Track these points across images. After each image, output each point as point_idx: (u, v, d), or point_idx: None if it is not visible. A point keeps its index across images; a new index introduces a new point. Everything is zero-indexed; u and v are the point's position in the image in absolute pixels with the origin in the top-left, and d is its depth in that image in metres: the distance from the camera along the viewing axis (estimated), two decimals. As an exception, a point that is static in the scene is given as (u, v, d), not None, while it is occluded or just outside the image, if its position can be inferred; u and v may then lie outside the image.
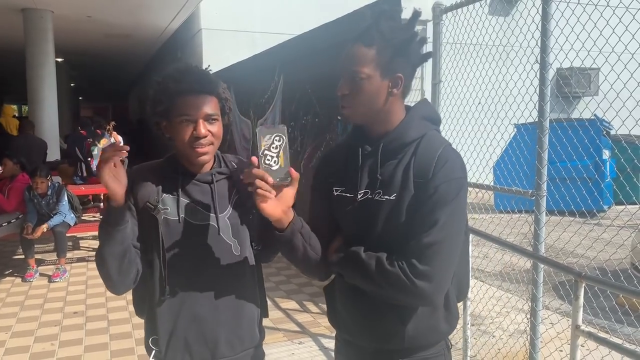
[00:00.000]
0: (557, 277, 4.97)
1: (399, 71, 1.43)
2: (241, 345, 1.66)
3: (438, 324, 1.48)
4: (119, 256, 1.48)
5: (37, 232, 5.52)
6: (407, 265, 1.34)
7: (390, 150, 1.47)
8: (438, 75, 4.03)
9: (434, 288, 1.34)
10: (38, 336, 4.18)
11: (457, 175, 1.39)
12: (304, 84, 6.12)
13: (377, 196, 1.45)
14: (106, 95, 33.35)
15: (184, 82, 1.54)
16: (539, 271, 3.21)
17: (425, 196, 1.38)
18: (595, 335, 2.52)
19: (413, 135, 1.46)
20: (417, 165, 1.42)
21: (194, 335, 1.60)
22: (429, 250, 1.34)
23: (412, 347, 1.47)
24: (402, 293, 1.36)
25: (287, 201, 1.37)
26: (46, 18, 9.66)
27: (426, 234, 1.35)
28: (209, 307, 1.60)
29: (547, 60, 3.10)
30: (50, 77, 9.66)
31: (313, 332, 4.17)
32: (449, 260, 1.38)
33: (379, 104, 1.45)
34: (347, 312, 1.56)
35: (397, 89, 1.45)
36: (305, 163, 6.17)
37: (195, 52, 11.28)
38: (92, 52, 15.38)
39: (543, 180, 3.20)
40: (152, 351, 1.64)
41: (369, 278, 1.39)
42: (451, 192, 1.37)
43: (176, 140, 1.56)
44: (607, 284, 2.61)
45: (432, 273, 1.34)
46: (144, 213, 1.58)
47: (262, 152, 1.31)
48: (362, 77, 1.42)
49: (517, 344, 3.55)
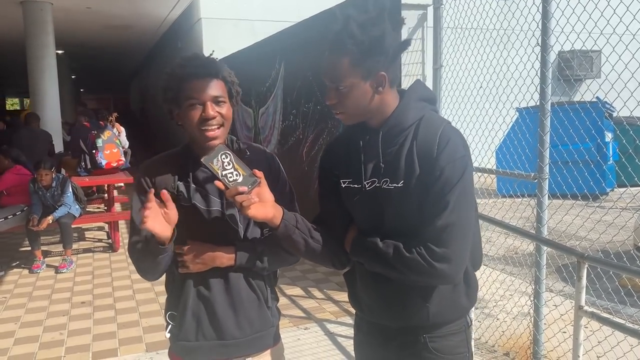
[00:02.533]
0: (560, 259, 4.99)
1: (379, 70, 1.43)
2: (251, 327, 1.69)
3: (459, 299, 1.53)
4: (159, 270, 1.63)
5: (43, 223, 5.56)
6: (425, 250, 1.39)
7: (390, 136, 1.48)
8: (439, 60, 4.02)
9: (453, 268, 1.40)
10: (47, 326, 4.23)
11: (460, 154, 1.41)
12: (305, 71, 6.11)
13: (385, 184, 1.47)
14: (107, 87, 33.35)
15: (189, 67, 1.58)
16: (542, 254, 3.23)
17: (432, 179, 1.40)
18: (598, 315, 2.55)
19: (411, 119, 1.47)
20: (419, 148, 1.43)
21: (204, 315, 1.67)
22: (444, 232, 1.38)
23: (436, 324, 1.52)
24: (423, 276, 1.41)
25: (267, 198, 1.46)
26: (45, 10, 9.63)
27: (439, 217, 1.38)
28: (219, 289, 1.66)
29: (548, 43, 3.09)
30: (51, 69, 9.65)
31: (318, 317, 4.20)
32: (464, 239, 1.42)
33: (369, 104, 1.47)
34: (369, 296, 1.59)
35: (382, 87, 1.45)
36: (307, 151, 6.18)
37: (195, 42, 11.24)
38: (93, 43, 15.35)
39: (545, 163, 3.21)
40: (169, 326, 1.72)
41: (390, 266, 1.44)
42: (457, 172, 1.39)
43: (187, 126, 1.60)
44: (609, 264, 2.63)
45: (450, 254, 1.38)
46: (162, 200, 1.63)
47: (222, 175, 1.42)
48: (345, 89, 1.43)
49: (521, 326, 3.58)
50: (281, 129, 7.04)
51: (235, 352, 1.70)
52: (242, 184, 1.41)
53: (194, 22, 11.39)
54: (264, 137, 7.66)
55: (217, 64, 1.62)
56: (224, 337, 1.67)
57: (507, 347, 3.60)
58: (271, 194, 1.47)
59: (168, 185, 1.64)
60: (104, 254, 6.37)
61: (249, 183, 1.42)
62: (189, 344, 1.69)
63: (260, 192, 1.45)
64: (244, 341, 1.69)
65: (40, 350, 3.80)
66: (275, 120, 7.27)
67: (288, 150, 6.66)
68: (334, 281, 5.04)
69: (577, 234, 4.07)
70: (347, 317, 4.16)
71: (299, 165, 6.23)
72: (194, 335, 1.68)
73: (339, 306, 4.43)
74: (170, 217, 1.50)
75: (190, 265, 1.61)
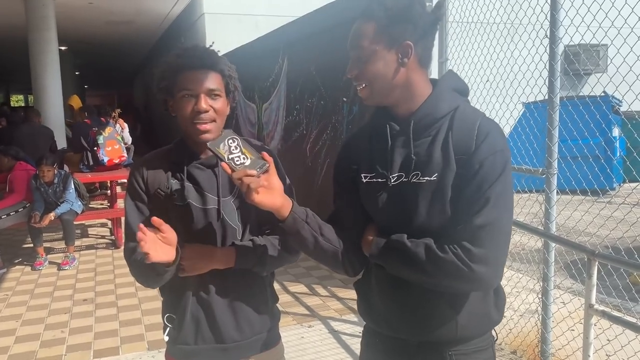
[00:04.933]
0: (569, 256, 4.92)
1: (405, 38, 1.33)
2: (251, 329, 1.64)
3: (489, 311, 1.40)
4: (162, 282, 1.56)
5: (45, 220, 5.52)
6: (461, 250, 1.25)
7: (422, 127, 1.37)
8: (445, 54, 3.95)
9: (492, 271, 1.27)
10: (48, 324, 4.20)
11: (501, 147, 1.30)
12: (309, 66, 6.05)
13: (415, 178, 1.35)
14: (112, 83, 33.35)
15: (186, 57, 1.53)
16: (550, 250, 3.17)
17: (470, 173, 1.28)
18: (609, 314, 2.49)
19: (445, 109, 1.36)
20: (456, 140, 1.32)
21: (203, 318, 1.61)
22: (482, 231, 1.25)
23: (463, 337, 1.39)
24: (458, 280, 1.27)
25: (276, 185, 1.34)
26: (48, 5, 9.60)
27: (478, 215, 1.25)
28: (218, 291, 1.61)
29: (557, 35, 3.02)
30: (54, 64, 9.63)
31: (322, 315, 4.15)
32: (504, 240, 1.29)
33: (392, 78, 1.35)
34: (387, 306, 1.45)
35: (407, 57, 1.34)
36: (311, 147, 6.12)
37: (198, 37, 11.19)
38: (96, 39, 15.34)
39: (554, 158, 3.14)
40: (167, 328, 1.66)
41: (419, 267, 1.30)
42: (498, 166, 1.28)
43: (179, 117, 1.55)
44: (620, 261, 2.58)
45: (489, 256, 1.25)
46: (156, 199, 1.59)
47: (228, 159, 1.32)
48: (366, 54, 1.34)
49: (529, 324, 3.52)
50: (285, 124, 6.98)
51: (235, 355, 1.65)
52: (250, 167, 1.31)
53: (197, 17, 11.33)
54: (267, 133, 7.61)
55: (215, 56, 1.55)
56: (223, 341, 1.62)
57: (514, 345, 3.54)
58: (280, 182, 1.36)
59: (161, 184, 1.58)
60: (106, 251, 6.34)
61: (257, 166, 1.31)
62: (188, 348, 1.64)
63: (269, 179, 1.32)
64: (245, 343, 1.64)
65: (41, 348, 3.76)
66: (278, 116, 7.21)
67: (292, 145, 6.61)
68: (338, 278, 4.98)
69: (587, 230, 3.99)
70: (352, 315, 4.10)
71: (302, 160, 6.17)
72: (193, 339, 1.63)
73: (343, 303, 4.38)
74: (169, 239, 1.41)
75: (189, 268, 1.55)
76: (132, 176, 1.62)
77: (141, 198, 1.60)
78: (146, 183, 1.60)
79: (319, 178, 5.82)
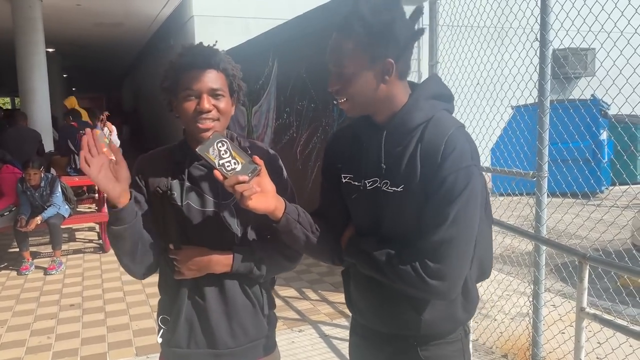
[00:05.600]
0: (559, 258, 4.93)
1: (387, 56, 1.32)
2: (245, 336, 1.61)
3: (455, 313, 1.42)
4: (129, 252, 1.49)
5: (31, 224, 5.44)
6: (419, 264, 1.29)
7: (394, 137, 1.37)
8: (435, 57, 3.95)
9: (448, 286, 1.30)
10: (34, 329, 4.13)
11: (465, 164, 1.28)
12: (299, 69, 6.03)
13: (385, 187, 1.37)
14: (100, 86, 33.13)
15: (188, 56, 1.50)
16: (540, 253, 3.16)
17: (433, 188, 1.29)
18: (600, 317, 2.47)
19: (418, 119, 1.35)
20: (423, 152, 1.32)
21: (197, 322, 1.59)
22: (441, 248, 1.28)
23: (429, 334, 1.43)
24: (416, 291, 1.32)
25: (268, 188, 1.34)
26: (35, 7, 9.50)
27: (436, 232, 1.28)
28: (213, 296, 1.58)
29: (547, 38, 3.02)
30: (41, 67, 9.52)
31: (313, 319, 4.12)
32: (462, 256, 1.31)
33: (374, 93, 1.35)
34: (361, 298, 1.51)
35: (389, 75, 1.34)
36: (301, 150, 6.09)
37: (188, 39, 11.13)
38: (83, 41, 15.21)
39: (544, 161, 3.14)
40: (161, 330, 1.64)
41: (381, 273, 1.35)
42: (459, 184, 1.27)
43: (182, 117, 1.52)
44: (611, 264, 2.56)
45: (445, 271, 1.28)
46: (154, 198, 1.57)
47: (219, 165, 1.30)
48: (347, 72, 1.33)
49: (520, 327, 3.51)
50: (275, 127, 6.95)
51: None
52: (242, 173, 1.29)
53: (187, 19, 11.28)
54: (257, 136, 7.57)
55: (219, 55, 1.52)
56: (216, 346, 1.59)
57: (505, 349, 3.53)
58: (272, 184, 1.36)
59: (161, 183, 1.56)
60: (94, 255, 6.26)
61: (249, 171, 1.30)
62: (180, 351, 1.61)
63: (261, 182, 1.32)
64: (239, 350, 1.61)
65: (26, 355, 3.69)
66: (268, 119, 7.18)
67: (282, 148, 6.58)
68: (328, 282, 4.96)
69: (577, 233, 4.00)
70: (343, 319, 4.07)
71: (292, 163, 6.14)
72: (186, 342, 1.59)
73: (333, 307, 4.35)
74: (119, 173, 1.38)
75: (185, 271, 1.52)
76: (135, 172, 1.60)
77: (141, 190, 1.58)
78: (146, 180, 1.58)
79: (309, 181, 5.79)
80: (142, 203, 1.57)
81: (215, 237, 1.55)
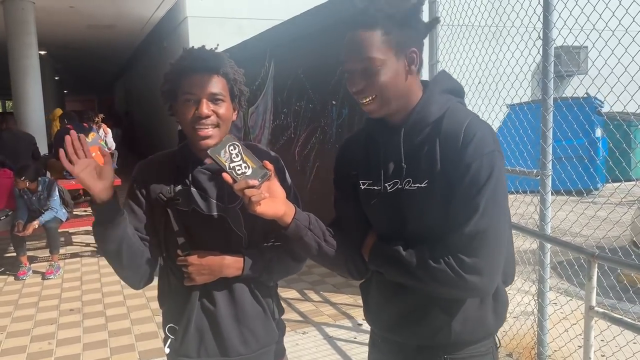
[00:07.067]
0: (556, 257, 4.93)
1: (412, 45, 1.30)
2: (256, 342, 1.58)
3: (486, 317, 1.37)
4: (114, 254, 1.46)
5: (29, 229, 5.38)
6: (453, 260, 1.24)
7: (412, 134, 1.35)
8: (435, 56, 3.94)
9: (486, 281, 1.25)
10: (34, 335, 4.08)
11: (488, 149, 1.25)
12: (296, 69, 6.01)
13: (407, 185, 1.33)
14: (92, 88, 32.92)
15: (189, 60, 1.48)
16: (545, 252, 3.16)
17: (457, 178, 1.26)
18: (610, 316, 2.48)
19: (435, 113, 1.33)
20: (443, 144, 1.29)
21: (208, 329, 1.56)
22: (474, 240, 1.23)
23: (459, 343, 1.37)
24: (453, 289, 1.27)
25: (278, 193, 1.32)
26: (27, 9, 9.43)
27: (468, 223, 1.23)
28: (224, 302, 1.55)
29: (550, 36, 3.02)
30: (34, 70, 9.45)
31: (316, 321, 4.10)
32: (497, 247, 1.26)
33: (401, 88, 1.32)
34: (386, 310, 1.45)
35: (414, 65, 1.32)
36: (299, 150, 6.08)
37: (181, 41, 11.07)
38: (76, 44, 15.11)
39: (548, 159, 3.15)
40: (168, 340, 1.60)
41: (414, 277, 1.30)
42: (485, 170, 1.24)
43: (181, 122, 1.50)
44: (620, 262, 2.57)
45: (482, 265, 1.24)
46: (156, 205, 1.53)
47: (229, 168, 1.30)
48: (377, 65, 1.28)
49: (524, 326, 3.51)
50: (272, 128, 6.93)
51: None
52: (252, 177, 1.28)
53: (180, 21, 11.22)
54: (254, 137, 7.54)
55: (220, 59, 1.49)
56: (227, 354, 1.56)
57: (510, 348, 3.53)
58: (282, 189, 1.34)
59: (164, 190, 1.52)
60: (92, 259, 6.21)
61: (259, 175, 1.28)
62: None
63: (271, 187, 1.30)
64: (250, 357, 1.59)
65: (28, 361, 3.66)
66: (265, 120, 7.16)
67: (279, 149, 6.55)
68: (330, 283, 4.94)
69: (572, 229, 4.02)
70: (346, 320, 4.05)
71: (291, 164, 6.12)
72: (196, 351, 1.56)
73: (336, 309, 4.33)
74: (103, 171, 1.37)
75: (197, 277, 1.49)
76: (133, 180, 1.58)
77: (139, 201, 1.55)
78: (147, 187, 1.54)
79: (309, 182, 5.77)
80: (139, 215, 1.55)
81: (222, 241, 1.52)
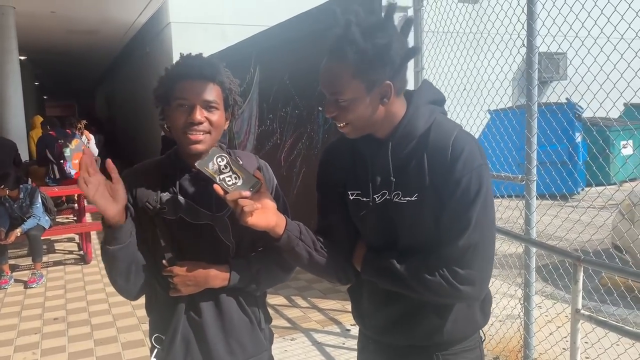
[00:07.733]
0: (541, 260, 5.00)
1: (385, 79, 1.28)
2: (243, 352, 1.58)
3: (474, 315, 1.44)
4: (124, 273, 1.47)
5: (11, 237, 5.30)
6: (448, 272, 1.29)
7: (400, 147, 1.36)
8: (420, 63, 3.98)
9: (477, 289, 1.33)
10: (18, 345, 4.02)
11: (477, 163, 1.29)
12: (282, 75, 6.01)
13: (397, 198, 1.35)
14: (72, 94, 32.54)
15: (183, 66, 1.47)
16: (531, 256, 3.21)
17: (448, 192, 1.29)
18: (595, 319, 2.52)
19: (421, 127, 1.35)
20: (430, 157, 1.32)
21: (194, 339, 1.54)
22: (468, 253, 1.29)
23: (450, 341, 1.43)
24: (446, 299, 1.34)
25: (269, 204, 1.33)
26: (7, 14, 9.30)
27: (461, 237, 1.29)
28: (210, 312, 1.54)
29: (534, 44, 3.07)
30: (15, 75, 9.32)
31: (304, 327, 4.10)
32: (488, 258, 1.34)
33: (374, 116, 1.33)
34: (377, 313, 1.48)
35: (387, 98, 1.31)
36: (285, 156, 6.08)
37: (164, 47, 11.02)
38: (57, 49, 14.93)
39: (533, 164, 3.20)
40: (155, 349, 1.58)
41: (408, 288, 1.35)
42: (474, 185, 1.28)
43: (172, 127, 1.49)
44: (605, 266, 2.61)
45: (475, 275, 1.31)
46: (143, 214, 1.51)
47: (219, 180, 1.29)
48: (344, 99, 1.29)
49: (511, 329, 3.55)
50: (257, 134, 6.92)
51: None
52: (243, 188, 1.28)
53: (163, 26, 11.17)
54: (239, 142, 7.53)
55: (215, 67, 1.49)
56: None
57: (496, 352, 3.56)
58: (273, 200, 1.34)
59: (150, 198, 1.51)
60: (75, 267, 6.13)
61: (250, 185, 1.28)
62: None
63: (262, 198, 1.31)
64: None
65: (12, 371, 3.60)
66: (250, 125, 7.15)
67: (265, 155, 6.55)
68: (317, 289, 4.94)
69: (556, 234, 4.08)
70: (334, 326, 4.06)
71: (277, 170, 6.09)
72: (183, 359, 1.55)
73: (324, 314, 4.33)
74: (116, 193, 1.37)
75: (182, 287, 1.48)
76: None
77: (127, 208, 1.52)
78: (134, 195, 1.52)
79: (294, 188, 5.77)
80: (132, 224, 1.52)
81: (210, 251, 1.51)
